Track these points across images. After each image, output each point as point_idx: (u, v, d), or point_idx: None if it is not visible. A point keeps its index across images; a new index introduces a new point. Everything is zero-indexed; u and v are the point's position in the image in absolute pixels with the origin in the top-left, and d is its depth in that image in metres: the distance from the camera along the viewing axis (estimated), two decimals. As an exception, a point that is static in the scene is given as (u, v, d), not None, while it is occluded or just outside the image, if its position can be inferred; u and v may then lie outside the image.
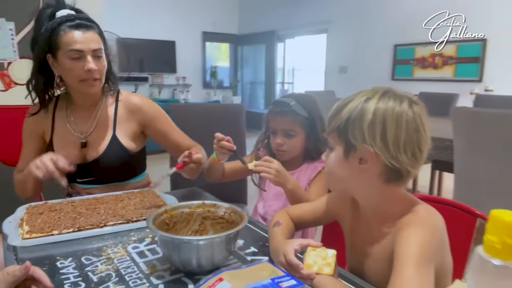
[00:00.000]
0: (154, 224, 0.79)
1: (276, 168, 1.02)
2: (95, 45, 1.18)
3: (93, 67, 1.16)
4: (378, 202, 0.75)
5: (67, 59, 1.16)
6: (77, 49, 1.15)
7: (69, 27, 1.15)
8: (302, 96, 1.21)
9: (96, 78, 1.20)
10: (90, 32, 1.18)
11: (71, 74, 1.18)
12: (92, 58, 1.17)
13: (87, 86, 1.20)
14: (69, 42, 1.15)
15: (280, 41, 7.87)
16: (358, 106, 0.69)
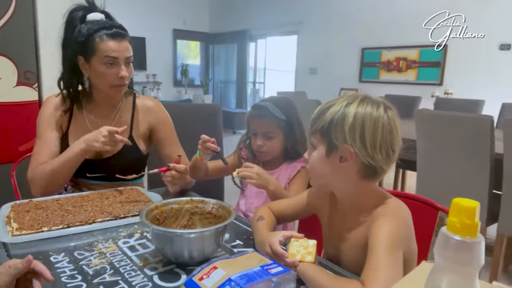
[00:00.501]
0: (146, 219, 0.83)
1: (257, 171, 1.09)
2: (128, 53, 1.26)
3: (125, 75, 1.25)
4: (355, 196, 0.84)
5: (101, 64, 1.23)
6: (113, 56, 1.22)
7: (107, 35, 1.22)
8: (281, 99, 1.27)
9: (125, 84, 1.27)
10: (125, 41, 1.26)
11: (104, 79, 1.25)
12: (124, 65, 1.24)
13: (116, 91, 1.28)
14: (105, 49, 1.22)
15: (252, 41, 7.95)
16: (340, 110, 0.77)
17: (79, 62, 1.26)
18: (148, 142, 1.43)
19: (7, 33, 1.94)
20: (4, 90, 1.98)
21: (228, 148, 1.48)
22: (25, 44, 2.02)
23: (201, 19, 8.50)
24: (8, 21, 1.94)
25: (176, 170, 1.19)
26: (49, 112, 1.33)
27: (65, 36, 1.28)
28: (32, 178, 1.24)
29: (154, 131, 1.42)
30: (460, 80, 4.76)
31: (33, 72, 2.05)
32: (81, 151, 1.18)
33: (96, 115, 1.35)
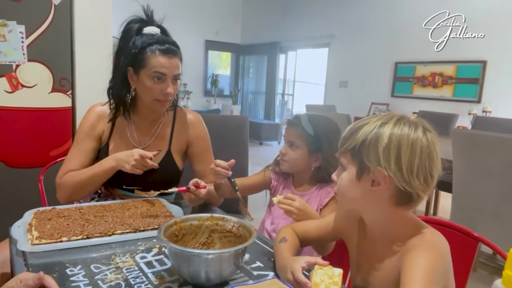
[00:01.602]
0: (164, 235, 0.80)
1: (298, 206, 1.02)
2: (177, 71, 1.26)
3: (171, 92, 1.25)
4: (386, 224, 0.77)
5: (149, 78, 1.23)
6: (162, 72, 1.22)
7: (159, 50, 1.23)
8: (320, 117, 1.24)
9: (169, 100, 1.28)
10: (176, 58, 1.26)
11: (150, 93, 1.25)
12: (171, 83, 1.25)
13: (159, 106, 1.28)
14: (155, 64, 1.22)
15: (282, 53, 7.96)
16: (374, 130, 0.72)
17: (128, 73, 1.28)
18: (184, 157, 1.42)
19: (45, 41, 2.01)
20: (40, 96, 2.04)
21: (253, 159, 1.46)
22: (61, 52, 2.08)
23: (233, 30, 8.61)
24: (46, 29, 2.01)
25: (195, 194, 1.17)
26: (92, 121, 1.34)
27: (120, 45, 1.30)
28: (59, 184, 1.26)
29: (190, 145, 1.40)
30: (500, 97, 4.53)
31: (67, 80, 2.11)
32: (111, 169, 1.20)
33: (138, 127, 1.36)
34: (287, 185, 1.27)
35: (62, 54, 2.09)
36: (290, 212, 1.02)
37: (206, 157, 1.41)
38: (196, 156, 1.41)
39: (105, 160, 1.23)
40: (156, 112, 1.34)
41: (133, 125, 1.36)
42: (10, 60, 1.95)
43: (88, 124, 1.34)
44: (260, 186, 1.31)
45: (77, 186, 1.22)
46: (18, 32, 1.94)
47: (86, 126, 1.33)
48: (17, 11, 1.91)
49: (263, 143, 7.23)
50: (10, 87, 1.98)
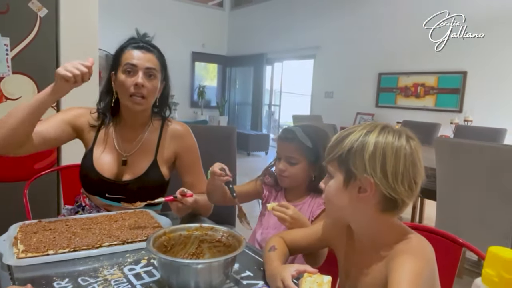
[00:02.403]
0: (153, 246, 0.80)
1: (291, 215, 1.03)
2: (149, 64, 1.26)
3: (141, 82, 1.23)
4: (373, 230, 0.79)
5: (122, 73, 1.25)
6: (132, 63, 1.24)
7: (132, 46, 1.27)
8: (312, 127, 1.23)
9: (143, 95, 1.25)
10: (149, 54, 1.27)
11: (123, 88, 1.25)
12: (143, 75, 1.24)
13: (133, 103, 1.26)
14: (127, 58, 1.25)
15: (269, 64, 8.05)
16: (359, 138, 0.74)
17: (112, 79, 1.30)
18: (171, 167, 1.41)
19: (30, 53, 2.00)
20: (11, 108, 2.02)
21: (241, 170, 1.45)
22: (46, 64, 2.07)
23: (219, 42, 8.68)
24: (32, 41, 2.00)
25: (182, 203, 1.16)
26: (79, 111, 1.34)
27: None
28: None
29: (179, 157, 1.39)
30: (480, 107, 4.66)
31: (53, 92, 2.10)
32: (49, 90, 1.10)
33: (122, 133, 1.35)
34: (278, 196, 1.27)
35: (47, 66, 2.07)
36: (284, 219, 1.03)
37: (195, 168, 1.41)
38: (185, 168, 1.40)
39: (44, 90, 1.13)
40: (136, 114, 1.32)
41: (118, 132, 1.35)
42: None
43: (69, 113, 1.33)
44: (253, 194, 1.31)
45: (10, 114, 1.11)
46: (3, 44, 1.93)
47: (65, 112, 1.33)
48: (2, 23, 1.90)
49: (250, 153, 7.24)
50: (-6, 100, 1.95)
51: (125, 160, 1.32)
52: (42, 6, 2.01)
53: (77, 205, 1.36)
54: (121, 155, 1.32)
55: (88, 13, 2.18)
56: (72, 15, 2.12)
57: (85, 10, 2.17)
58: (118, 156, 1.32)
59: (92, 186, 1.31)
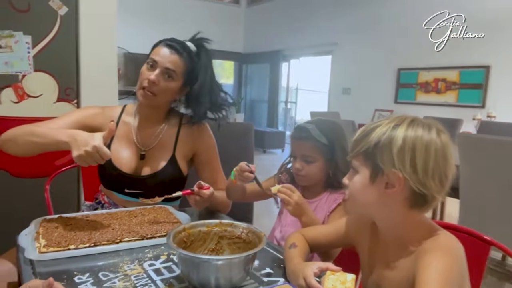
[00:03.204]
0: (173, 241, 0.79)
1: (296, 200, 1.03)
2: (170, 65, 1.25)
3: (153, 79, 1.23)
4: (400, 227, 0.76)
5: (145, 65, 1.27)
6: (154, 59, 1.24)
7: (165, 43, 1.28)
8: (326, 122, 1.20)
9: (153, 92, 1.25)
10: (176, 55, 1.26)
11: (140, 78, 1.27)
12: (160, 73, 1.24)
13: (140, 94, 1.27)
14: (154, 52, 1.27)
15: (285, 61, 7.99)
16: (387, 132, 0.71)
17: None
18: (189, 163, 1.41)
19: (50, 51, 2.03)
20: (45, 105, 2.05)
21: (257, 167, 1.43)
22: (67, 62, 2.10)
23: (235, 39, 8.67)
24: (52, 39, 2.03)
25: (200, 195, 1.15)
26: (92, 113, 1.33)
27: None
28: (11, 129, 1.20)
29: (197, 154, 1.39)
30: (504, 102, 4.51)
31: (73, 89, 2.13)
32: (62, 143, 1.05)
33: (141, 128, 1.36)
34: None
35: (68, 63, 2.10)
36: (288, 203, 1.02)
37: (213, 165, 1.41)
38: (202, 165, 1.40)
39: (64, 131, 1.09)
40: (147, 108, 1.32)
41: (137, 127, 1.36)
42: (16, 71, 1.97)
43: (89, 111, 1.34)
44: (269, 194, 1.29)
45: (23, 134, 1.13)
46: (25, 42, 1.96)
47: (77, 112, 1.34)
48: (24, 21, 1.93)
49: (266, 151, 7.22)
50: (16, 97, 1.99)
51: (143, 154, 1.32)
52: (62, 4, 2.03)
53: (96, 202, 1.37)
54: (140, 150, 1.32)
55: (107, 10, 2.20)
56: (92, 13, 2.14)
57: (104, 8, 2.19)
58: (137, 151, 1.32)
59: (110, 181, 1.32)
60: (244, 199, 1.24)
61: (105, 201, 1.36)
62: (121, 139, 1.34)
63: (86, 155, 0.98)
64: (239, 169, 1.12)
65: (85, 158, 0.99)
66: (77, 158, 1.00)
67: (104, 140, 1.02)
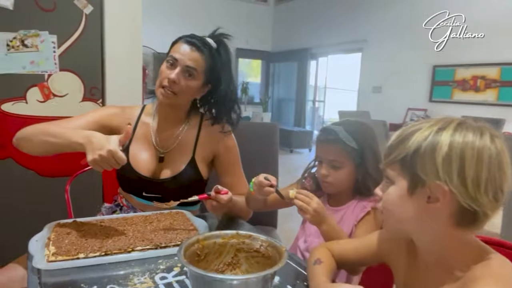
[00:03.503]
0: (185, 254, 0.73)
1: (315, 208, 0.93)
2: (191, 62, 1.19)
3: (172, 78, 1.18)
4: (444, 248, 0.65)
5: (165, 62, 1.22)
6: (174, 57, 1.19)
7: (185, 40, 1.22)
8: (355, 124, 1.10)
9: (173, 91, 1.20)
10: (197, 52, 1.20)
11: (159, 77, 1.22)
12: (180, 72, 1.19)
13: (160, 93, 1.21)
14: (174, 49, 1.21)
15: (313, 59, 7.85)
16: (429, 137, 0.61)
17: None
18: (210, 166, 1.35)
19: (76, 50, 2.02)
20: (71, 104, 2.05)
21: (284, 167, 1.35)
22: (92, 61, 2.09)
23: (263, 38, 8.60)
24: (78, 39, 2.02)
25: (217, 201, 1.08)
26: (111, 113, 1.30)
27: None
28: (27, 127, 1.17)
29: (217, 157, 1.33)
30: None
31: (98, 89, 2.12)
32: (77, 145, 1.01)
33: (160, 130, 1.31)
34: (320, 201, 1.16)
35: (93, 63, 2.10)
36: (305, 210, 0.93)
37: (234, 169, 1.34)
38: (223, 168, 1.33)
39: (80, 132, 1.05)
40: (168, 107, 1.27)
41: (156, 128, 1.31)
42: (42, 70, 1.97)
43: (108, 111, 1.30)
44: None
45: (38, 132, 1.10)
46: (50, 42, 1.97)
47: (105, 110, 1.30)
48: (49, 21, 1.93)
49: (293, 150, 7.11)
50: (42, 97, 2.00)
51: (162, 157, 1.27)
52: (88, 3, 2.03)
53: (115, 204, 1.34)
54: (158, 152, 1.27)
55: (132, 9, 2.18)
56: (117, 12, 2.13)
57: (129, 7, 2.17)
58: (155, 153, 1.27)
59: (128, 184, 1.27)
60: (265, 208, 1.15)
61: (124, 204, 1.32)
62: (140, 141, 1.30)
63: (100, 160, 0.94)
64: (257, 183, 1.03)
65: (100, 162, 0.95)
66: (91, 163, 0.96)
67: (120, 143, 0.98)
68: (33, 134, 1.12)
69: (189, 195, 1.13)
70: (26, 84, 1.95)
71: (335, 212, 1.10)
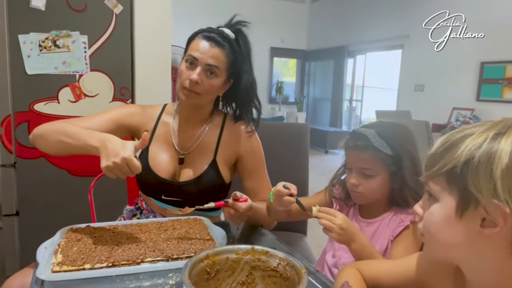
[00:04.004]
0: (191, 273, 0.65)
1: (340, 224, 0.82)
2: (212, 61, 1.13)
3: (194, 78, 1.11)
4: (500, 282, 0.53)
5: (184, 62, 1.16)
6: (194, 56, 1.13)
7: (203, 36, 1.15)
8: (390, 126, 0.97)
9: (196, 91, 1.14)
10: (217, 48, 1.14)
11: (180, 78, 1.17)
12: (201, 71, 1.13)
13: (183, 95, 1.16)
14: (193, 47, 1.15)
15: (350, 57, 7.59)
16: (484, 145, 0.49)
17: None
18: (232, 169, 1.27)
19: (106, 50, 2.02)
20: (101, 104, 2.06)
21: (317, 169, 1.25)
22: (122, 61, 2.09)
23: (299, 36, 8.45)
24: (108, 39, 2.02)
25: (234, 208, 0.99)
26: (130, 112, 1.25)
27: None
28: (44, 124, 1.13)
29: (240, 160, 1.25)
30: None
31: (127, 89, 2.11)
32: (91, 148, 0.97)
33: (180, 130, 1.25)
34: (351, 212, 1.04)
35: (123, 63, 2.09)
36: (330, 229, 0.82)
37: (258, 173, 1.25)
38: (246, 172, 1.25)
39: (97, 135, 1.00)
40: (191, 108, 1.22)
41: (176, 128, 1.25)
42: (74, 70, 1.99)
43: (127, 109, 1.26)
44: None
45: (54, 131, 1.07)
46: (81, 42, 1.98)
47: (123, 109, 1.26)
48: (80, 21, 1.94)
49: (328, 151, 6.92)
50: (73, 97, 2.01)
51: (182, 158, 1.21)
52: (118, 2, 2.02)
53: (136, 208, 1.29)
54: (178, 153, 1.21)
55: (162, 8, 2.16)
56: (146, 11, 2.11)
57: (159, 6, 2.15)
58: (175, 154, 1.22)
59: (147, 187, 1.22)
60: (289, 219, 1.05)
61: (144, 207, 1.27)
62: (160, 141, 1.24)
63: (114, 167, 0.89)
64: (275, 192, 0.93)
65: (113, 170, 0.90)
66: (105, 169, 0.91)
67: (136, 150, 0.92)
68: (48, 132, 1.09)
69: (210, 199, 1.05)
70: (58, 84, 1.97)
71: (368, 225, 0.98)
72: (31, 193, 1.98)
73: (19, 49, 1.86)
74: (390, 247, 0.92)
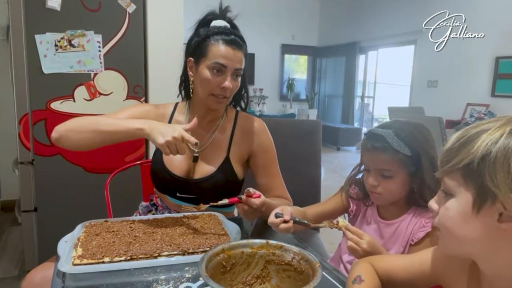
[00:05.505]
0: (208, 266, 0.66)
1: (365, 248, 0.80)
2: (239, 65, 1.16)
3: (229, 86, 1.14)
4: None
5: (208, 69, 1.15)
6: (222, 63, 1.13)
7: (223, 40, 1.14)
8: (408, 126, 0.95)
9: (226, 96, 1.17)
10: (240, 51, 1.16)
11: (206, 86, 1.16)
12: (231, 77, 1.15)
13: (214, 102, 1.18)
14: (217, 54, 1.13)
15: (362, 53, 7.53)
16: (500, 140, 0.49)
17: (188, 65, 1.21)
18: (245, 166, 1.29)
19: (120, 49, 2.06)
20: (115, 103, 2.10)
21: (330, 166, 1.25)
22: (135, 60, 2.12)
23: (310, 33, 8.40)
24: (121, 38, 2.05)
25: (248, 205, 1.00)
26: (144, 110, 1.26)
27: (189, 38, 1.25)
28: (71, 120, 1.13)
29: (252, 156, 1.26)
30: None
31: (141, 87, 2.14)
32: (136, 130, 1.01)
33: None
34: (368, 213, 1.04)
35: (136, 61, 2.13)
36: (355, 251, 0.81)
37: (271, 169, 1.26)
38: (259, 168, 1.26)
39: (136, 120, 1.06)
40: (212, 111, 1.23)
41: None
42: (89, 69, 2.03)
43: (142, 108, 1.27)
44: (339, 211, 1.09)
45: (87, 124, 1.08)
46: (96, 41, 2.01)
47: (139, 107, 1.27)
48: (94, 20, 1.98)
49: (340, 148, 6.88)
50: (88, 95, 2.05)
51: (197, 156, 1.22)
52: (131, 2, 2.05)
53: (151, 204, 1.32)
54: (192, 151, 1.23)
55: (174, 7, 2.18)
56: (159, 10, 2.14)
57: (171, 4, 2.17)
58: (189, 152, 1.23)
59: (162, 185, 1.24)
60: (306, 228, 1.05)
61: (159, 204, 1.29)
62: None
63: (173, 141, 0.95)
64: (270, 224, 0.91)
65: (172, 144, 0.96)
66: (164, 145, 0.96)
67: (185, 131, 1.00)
68: (79, 126, 1.09)
69: (224, 196, 1.07)
70: (74, 83, 2.01)
71: (387, 226, 0.97)
72: (49, 189, 2.03)
73: (36, 49, 1.91)
74: (409, 252, 0.91)
